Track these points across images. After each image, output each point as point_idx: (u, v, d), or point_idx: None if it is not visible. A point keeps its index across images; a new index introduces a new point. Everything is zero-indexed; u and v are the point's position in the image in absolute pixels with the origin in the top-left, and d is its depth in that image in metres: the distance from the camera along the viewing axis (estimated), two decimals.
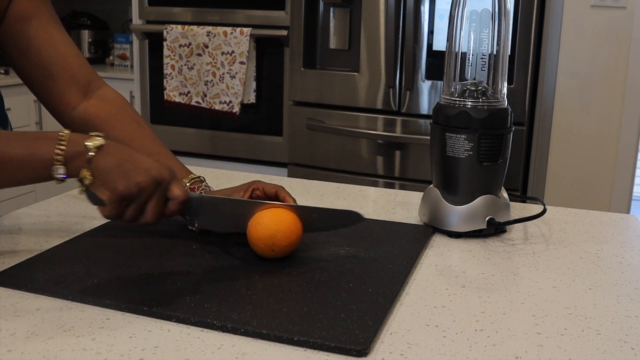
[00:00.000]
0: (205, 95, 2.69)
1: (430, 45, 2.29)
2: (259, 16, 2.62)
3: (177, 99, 2.75)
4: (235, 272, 0.84)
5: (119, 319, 0.72)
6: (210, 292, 0.77)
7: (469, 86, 1.02)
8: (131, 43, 3.40)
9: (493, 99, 1.01)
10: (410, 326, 0.73)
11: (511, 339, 0.70)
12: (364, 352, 0.66)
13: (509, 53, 1.03)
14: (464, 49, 1.02)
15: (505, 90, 1.03)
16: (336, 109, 2.45)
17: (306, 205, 0.90)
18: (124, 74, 3.27)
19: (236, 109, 2.65)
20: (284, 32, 2.54)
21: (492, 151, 1.00)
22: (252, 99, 2.65)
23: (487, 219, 1.00)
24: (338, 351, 0.66)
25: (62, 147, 0.76)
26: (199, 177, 0.99)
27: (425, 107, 2.33)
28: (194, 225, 0.89)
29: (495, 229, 1.02)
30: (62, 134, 0.77)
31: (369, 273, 0.84)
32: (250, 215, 0.87)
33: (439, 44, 2.29)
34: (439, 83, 2.30)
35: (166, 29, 2.70)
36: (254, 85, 2.64)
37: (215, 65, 2.65)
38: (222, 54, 2.63)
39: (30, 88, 1.01)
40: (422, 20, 2.28)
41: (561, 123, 2.34)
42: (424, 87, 2.32)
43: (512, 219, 1.04)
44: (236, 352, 0.66)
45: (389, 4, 2.26)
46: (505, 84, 1.03)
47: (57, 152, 0.76)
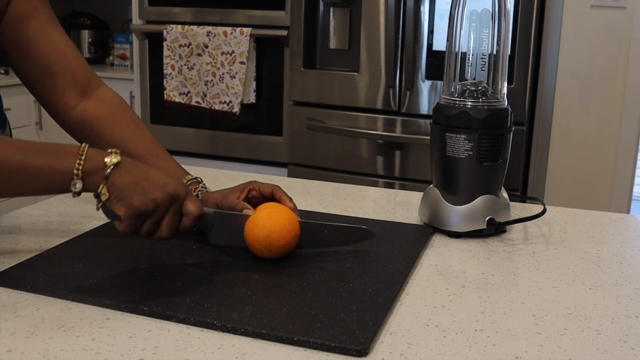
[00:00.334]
0: (205, 95, 2.69)
1: (430, 45, 2.29)
2: (259, 16, 2.62)
3: (177, 99, 2.75)
4: (235, 272, 0.84)
5: (119, 319, 0.72)
6: (210, 292, 0.77)
7: (469, 86, 1.02)
8: (131, 43, 3.40)
9: (493, 99, 1.01)
10: (410, 326, 0.73)
11: (511, 339, 0.70)
12: (364, 352, 0.66)
13: (509, 53, 1.03)
14: (464, 49, 1.02)
15: (505, 90, 1.03)
16: (336, 109, 2.45)
17: (316, 222, 0.91)
18: (124, 74, 3.27)
19: (236, 109, 2.65)
20: (284, 32, 2.54)
21: (492, 151, 1.00)
22: (252, 99, 2.65)
23: (487, 219, 1.00)
24: (338, 351, 0.66)
25: (81, 162, 0.77)
26: (195, 179, 0.98)
27: (425, 107, 2.32)
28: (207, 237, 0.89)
29: (495, 229, 1.02)
30: (81, 149, 0.78)
31: (369, 273, 0.84)
32: None
33: (439, 44, 2.29)
34: (439, 83, 2.30)
35: (166, 29, 2.70)
36: (254, 85, 2.64)
37: (215, 65, 2.65)
38: (222, 54, 2.63)
39: (28, 88, 1.01)
40: (422, 20, 2.28)
41: (561, 123, 2.34)
42: (424, 87, 2.31)
43: (512, 219, 1.04)
44: (236, 352, 0.66)
45: (389, 4, 2.26)
46: (505, 84, 1.03)
47: (77, 166, 0.77)
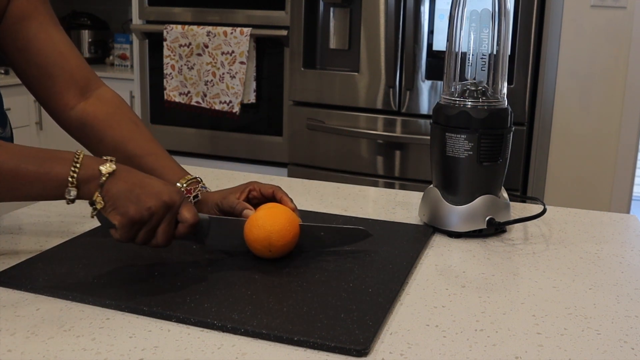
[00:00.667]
0: (205, 95, 2.69)
1: (430, 45, 2.29)
2: (259, 16, 2.62)
3: (177, 99, 2.75)
4: (235, 272, 0.84)
5: (119, 319, 0.72)
6: (210, 292, 0.77)
7: (469, 86, 1.02)
8: (131, 43, 3.40)
9: (493, 99, 1.01)
10: (410, 326, 0.73)
11: (511, 339, 0.70)
12: (364, 352, 0.66)
13: (509, 53, 1.03)
14: (464, 49, 1.02)
15: (505, 90, 1.03)
16: (336, 109, 2.45)
17: (313, 224, 0.91)
18: (124, 74, 3.27)
19: (236, 109, 2.65)
20: (284, 32, 2.54)
21: (492, 151, 1.00)
22: (252, 99, 2.65)
23: (487, 219, 1.00)
24: (338, 351, 0.66)
25: (76, 170, 0.77)
26: (195, 179, 0.98)
27: (425, 107, 2.32)
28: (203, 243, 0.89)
29: (495, 229, 1.02)
30: (76, 156, 0.78)
31: (369, 273, 0.84)
32: None
33: (439, 44, 2.29)
34: (439, 83, 2.30)
35: (166, 29, 2.70)
36: (254, 85, 2.64)
37: (215, 65, 2.65)
38: (222, 53, 2.63)
39: (28, 88, 1.01)
40: (422, 20, 2.28)
41: (561, 123, 2.34)
42: (424, 87, 2.31)
43: (512, 219, 1.04)
44: (236, 352, 0.66)
45: (389, 4, 2.26)
46: (505, 84, 1.03)
47: (71, 174, 0.77)
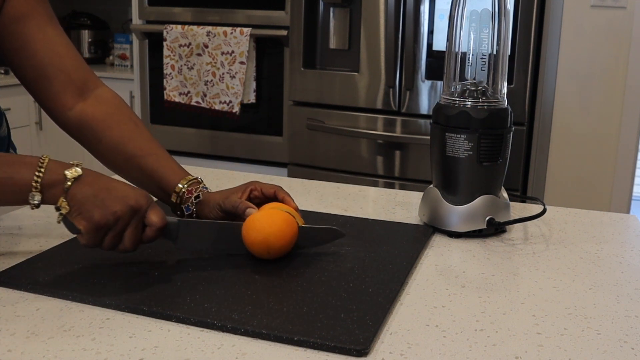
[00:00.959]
0: (205, 95, 2.69)
1: (430, 45, 2.29)
2: (259, 16, 2.62)
3: (177, 99, 2.75)
4: (235, 272, 0.84)
5: (119, 319, 0.72)
6: (210, 292, 0.77)
7: (469, 86, 1.02)
8: (131, 43, 3.40)
9: (493, 99, 1.01)
10: (410, 326, 0.73)
11: (511, 339, 0.70)
12: (364, 352, 0.66)
13: (509, 53, 1.03)
14: (464, 49, 1.02)
15: (505, 90, 1.03)
16: (336, 109, 2.45)
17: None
18: (123, 74, 3.27)
19: (236, 109, 2.65)
20: (284, 32, 2.54)
21: (492, 151, 1.00)
22: (252, 99, 2.65)
23: (487, 219, 1.00)
24: (338, 351, 0.66)
25: (40, 175, 0.76)
26: (196, 179, 0.98)
27: (425, 107, 2.32)
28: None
29: (495, 229, 1.02)
30: (41, 160, 0.77)
31: (369, 273, 0.84)
32: (230, 236, 0.87)
33: (439, 44, 2.29)
34: (439, 83, 2.30)
35: (166, 29, 2.70)
36: (254, 85, 2.64)
37: (215, 65, 2.65)
38: (222, 54, 2.63)
39: (26, 88, 1.00)
40: (422, 20, 2.28)
41: (561, 123, 2.34)
42: (423, 87, 2.31)
43: (512, 219, 1.04)
44: (236, 352, 0.66)
45: (389, 4, 2.26)
46: (505, 84, 1.03)
47: (35, 178, 0.76)
